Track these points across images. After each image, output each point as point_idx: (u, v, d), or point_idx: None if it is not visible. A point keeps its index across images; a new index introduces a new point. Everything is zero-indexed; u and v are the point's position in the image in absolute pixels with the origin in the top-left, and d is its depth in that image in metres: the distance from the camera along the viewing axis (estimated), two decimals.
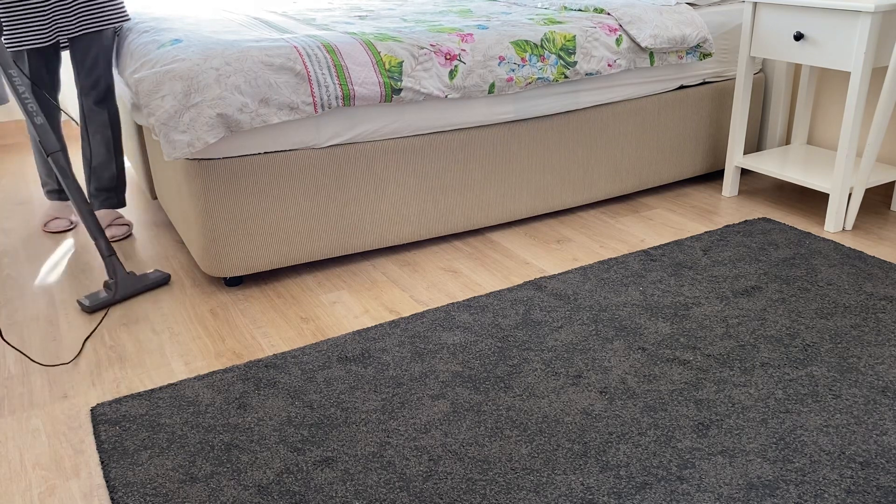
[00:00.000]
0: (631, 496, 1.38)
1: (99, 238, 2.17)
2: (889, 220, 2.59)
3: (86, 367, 1.86)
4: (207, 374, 1.79)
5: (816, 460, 1.45)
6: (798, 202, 2.77)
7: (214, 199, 2.10)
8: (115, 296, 2.15)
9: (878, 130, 2.37)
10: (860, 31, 2.29)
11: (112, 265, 2.16)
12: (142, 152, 2.70)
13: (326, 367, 1.80)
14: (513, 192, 2.54)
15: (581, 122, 2.59)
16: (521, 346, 1.87)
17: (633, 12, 2.57)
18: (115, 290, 2.15)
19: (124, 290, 2.17)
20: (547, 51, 2.39)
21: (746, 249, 2.36)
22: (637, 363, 1.78)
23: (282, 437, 1.56)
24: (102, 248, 2.17)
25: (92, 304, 2.11)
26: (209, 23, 2.55)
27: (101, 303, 2.12)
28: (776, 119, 3.00)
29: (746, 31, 2.62)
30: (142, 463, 1.50)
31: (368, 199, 2.30)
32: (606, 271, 2.24)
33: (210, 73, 1.97)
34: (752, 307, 2.02)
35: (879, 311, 1.98)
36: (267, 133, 2.11)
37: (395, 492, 1.40)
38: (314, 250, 2.27)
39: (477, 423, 1.58)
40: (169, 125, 1.96)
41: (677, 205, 2.77)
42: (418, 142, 2.32)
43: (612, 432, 1.55)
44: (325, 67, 2.09)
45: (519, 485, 1.41)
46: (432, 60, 2.22)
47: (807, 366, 1.75)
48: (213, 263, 2.16)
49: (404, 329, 1.95)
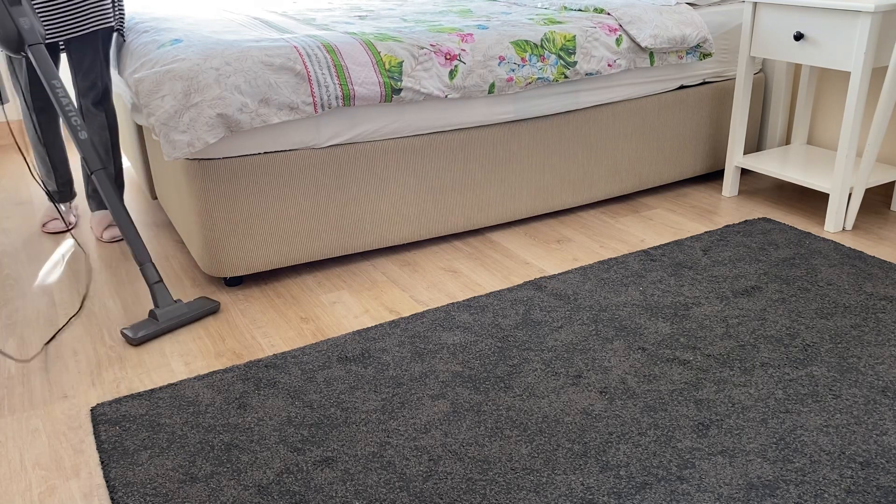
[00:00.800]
0: (631, 496, 1.38)
1: (146, 263, 2.03)
2: (889, 220, 2.59)
3: (86, 367, 1.86)
4: (207, 374, 1.79)
5: (816, 460, 1.45)
6: (798, 202, 2.77)
7: (214, 199, 2.10)
8: (160, 326, 1.97)
9: (878, 130, 2.37)
10: (860, 31, 2.29)
11: (158, 293, 2.01)
12: (142, 152, 2.70)
13: (326, 367, 1.80)
14: (513, 192, 2.54)
15: (581, 122, 2.59)
16: (521, 346, 1.87)
17: (633, 12, 2.57)
18: (161, 319, 1.98)
19: (170, 321, 1.99)
20: (547, 51, 2.39)
21: (746, 249, 2.36)
22: (637, 363, 1.78)
23: (282, 437, 1.56)
24: (149, 275, 2.02)
25: (135, 335, 1.93)
26: (209, 23, 2.55)
27: (146, 335, 1.94)
28: (776, 119, 3.00)
29: (746, 31, 2.62)
30: (142, 463, 1.50)
31: (368, 199, 2.30)
32: (606, 271, 2.24)
33: (210, 73, 1.97)
34: (752, 307, 2.02)
35: (879, 311, 1.98)
36: (267, 133, 2.11)
37: (395, 492, 1.40)
38: (314, 250, 2.27)
39: (477, 423, 1.58)
40: (169, 125, 1.96)
41: (677, 205, 2.77)
42: (418, 142, 2.32)
43: (612, 432, 1.55)
44: (325, 67, 2.09)
45: (519, 485, 1.41)
46: (432, 60, 2.22)
47: (807, 366, 1.75)
48: (213, 263, 2.16)
49: (404, 329, 1.95)
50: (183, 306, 2.03)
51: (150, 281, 2.02)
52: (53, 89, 2.01)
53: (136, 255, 2.03)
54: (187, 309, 2.03)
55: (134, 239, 2.04)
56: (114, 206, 2.05)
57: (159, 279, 2.03)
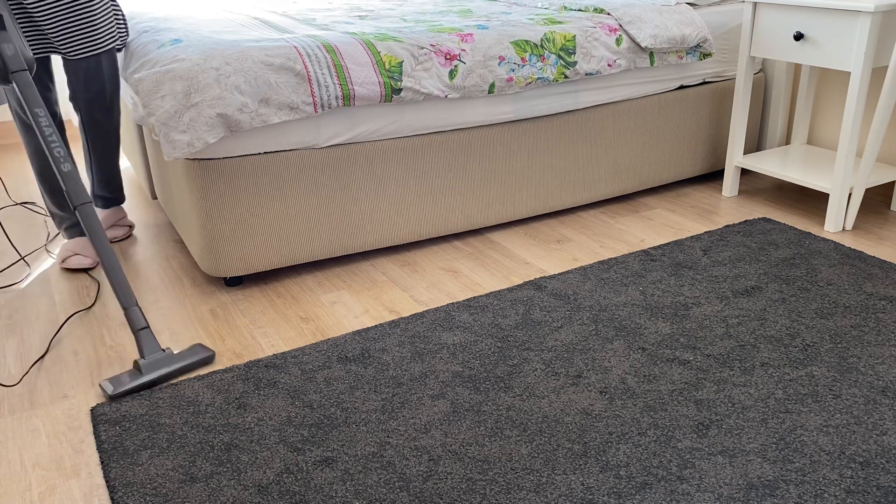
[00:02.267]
0: (631, 496, 1.38)
1: (131, 307, 1.82)
2: (889, 220, 2.59)
3: (86, 367, 1.86)
4: (207, 374, 1.79)
5: (816, 460, 1.45)
6: (798, 202, 2.77)
7: (214, 199, 2.10)
8: (142, 381, 1.74)
9: (878, 130, 2.37)
10: (860, 31, 2.29)
11: (144, 341, 1.80)
12: (142, 152, 2.70)
13: (326, 367, 1.80)
14: (513, 192, 2.54)
15: (581, 122, 2.59)
16: (521, 346, 1.87)
17: (633, 12, 2.57)
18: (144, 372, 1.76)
19: (155, 373, 1.77)
20: (547, 51, 2.39)
21: (746, 249, 2.36)
22: (637, 363, 1.78)
23: (282, 437, 1.56)
24: (134, 321, 1.81)
25: (116, 390, 1.71)
26: (209, 23, 2.55)
27: (127, 389, 1.72)
28: (776, 119, 3.00)
29: (746, 31, 2.62)
30: (142, 463, 1.50)
31: (368, 199, 2.30)
32: (606, 271, 2.24)
33: (210, 73, 1.97)
34: (752, 307, 2.02)
35: (879, 311, 1.98)
36: (267, 133, 2.11)
37: (395, 492, 1.40)
38: (314, 250, 2.27)
39: (477, 423, 1.58)
40: (169, 125, 1.96)
41: (677, 205, 2.77)
42: (418, 142, 2.32)
43: (612, 432, 1.55)
44: (325, 67, 2.09)
45: (519, 485, 1.41)
46: (432, 60, 2.22)
47: (807, 366, 1.75)
48: (213, 263, 2.16)
49: (404, 329, 1.95)
50: (173, 357, 1.81)
51: (136, 328, 1.81)
52: (36, 118, 1.86)
53: (121, 299, 1.83)
54: (177, 360, 1.81)
55: (119, 281, 1.84)
56: (99, 243, 1.86)
57: (146, 325, 1.82)
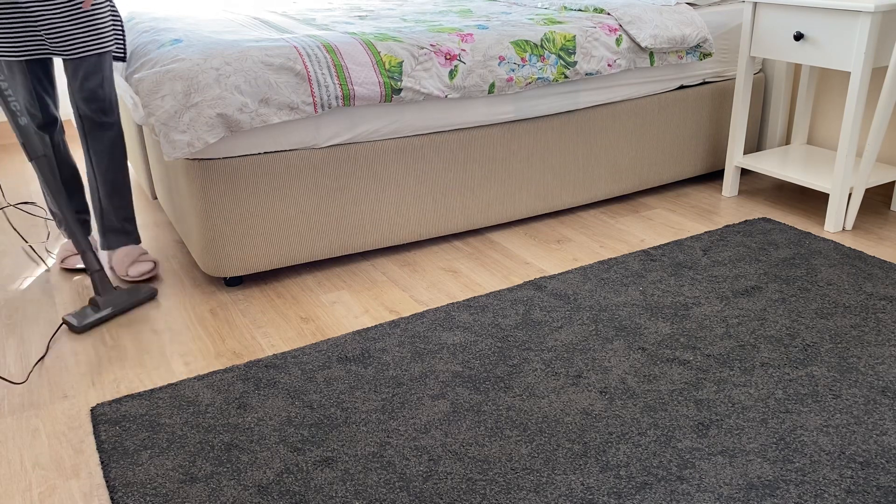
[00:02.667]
0: (631, 496, 1.38)
1: (87, 251, 2.07)
2: (889, 220, 2.59)
3: (86, 367, 1.86)
4: (207, 374, 1.79)
5: (816, 460, 1.45)
6: (798, 202, 2.77)
7: (214, 199, 2.10)
8: (101, 313, 2.05)
9: (878, 130, 2.37)
10: (860, 31, 2.29)
11: (98, 281, 2.08)
12: (142, 152, 2.70)
13: (326, 367, 1.80)
14: (513, 192, 2.54)
15: (581, 122, 2.59)
16: (521, 346, 1.87)
17: (632, 12, 2.57)
18: (102, 307, 2.06)
19: (111, 308, 2.08)
20: (547, 51, 2.39)
21: (746, 249, 2.36)
22: (637, 363, 1.78)
23: (282, 437, 1.56)
24: (90, 262, 2.07)
25: (80, 323, 2.01)
26: (209, 23, 2.55)
27: (89, 322, 2.02)
28: (776, 119, 3.00)
29: (746, 31, 2.62)
30: (142, 463, 1.50)
31: (368, 199, 2.30)
32: (606, 271, 2.24)
33: (210, 73, 1.97)
34: (752, 307, 2.02)
35: (879, 311, 1.98)
36: (267, 133, 2.11)
37: (395, 492, 1.40)
38: (314, 250, 2.27)
39: (477, 423, 1.58)
40: (169, 125, 1.96)
41: (677, 205, 2.77)
42: (418, 142, 2.32)
43: (612, 432, 1.55)
44: (325, 67, 2.09)
45: (519, 485, 1.41)
46: (432, 60, 2.22)
47: (807, 366, 1.75)
48: (213, 263, 2.16)
49: (404, 329, 1.95)
50: (122, 293, 2.12)
51: (92, 269, 2.07)
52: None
53: (75, 242, 2.07)
54: (127, 296, 2.12)
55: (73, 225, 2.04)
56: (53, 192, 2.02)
57: (100, 268, 2.08)
